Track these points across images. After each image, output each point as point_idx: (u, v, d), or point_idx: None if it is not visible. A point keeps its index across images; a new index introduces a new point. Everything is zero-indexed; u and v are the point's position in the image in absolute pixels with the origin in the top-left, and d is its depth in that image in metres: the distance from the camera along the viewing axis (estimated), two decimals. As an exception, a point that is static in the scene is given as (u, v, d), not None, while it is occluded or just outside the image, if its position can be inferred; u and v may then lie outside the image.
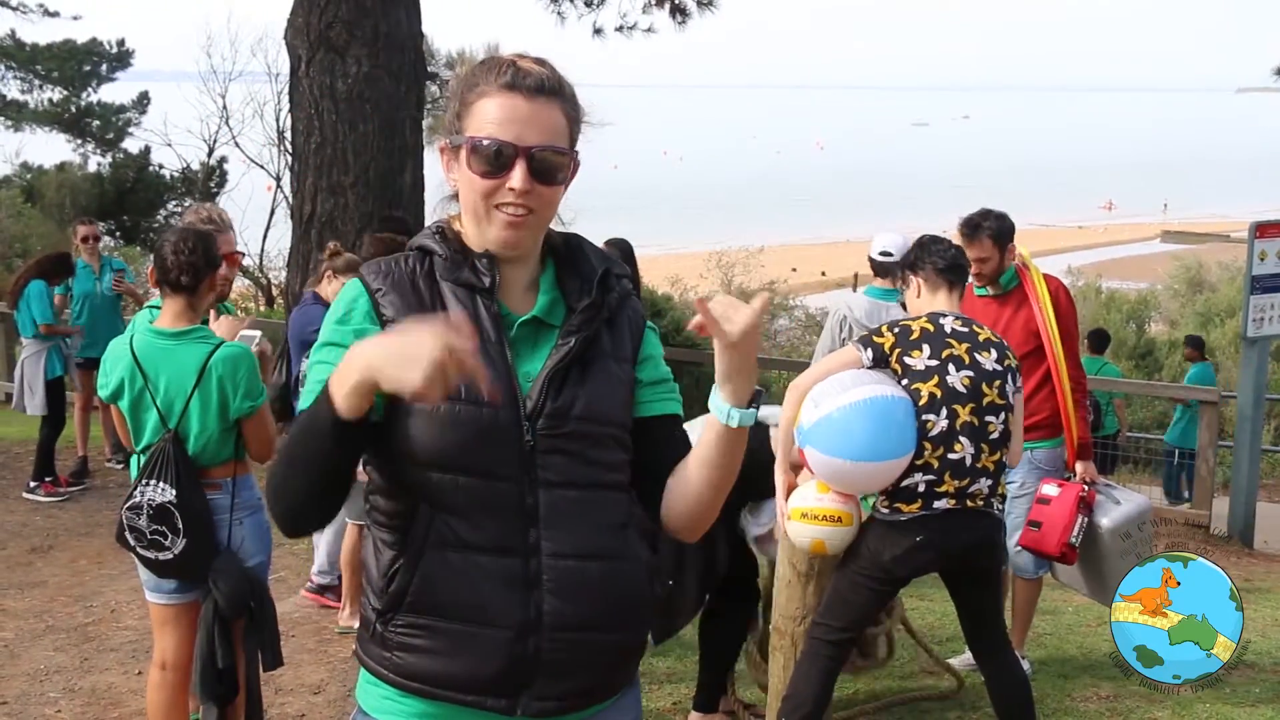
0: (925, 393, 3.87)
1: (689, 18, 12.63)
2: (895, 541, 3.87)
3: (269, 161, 18.75)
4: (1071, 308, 5.17)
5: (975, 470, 3.87)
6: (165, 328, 3.94)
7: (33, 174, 20.13)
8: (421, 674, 1.91)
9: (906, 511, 3.86)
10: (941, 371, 3.89)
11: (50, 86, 21.40)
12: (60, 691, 5.06)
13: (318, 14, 9.50)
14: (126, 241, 19.72)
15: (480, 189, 1.93)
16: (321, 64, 9.55)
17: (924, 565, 3.97)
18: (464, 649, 1.88)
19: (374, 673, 1.96)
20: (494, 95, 1.94)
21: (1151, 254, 36.49)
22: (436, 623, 1.89)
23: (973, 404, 3.88)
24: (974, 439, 3.88)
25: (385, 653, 1.93)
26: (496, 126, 1.91)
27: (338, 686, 5.07)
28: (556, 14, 12.54)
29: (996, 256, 5.04)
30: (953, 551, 3.93)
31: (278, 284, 17.05)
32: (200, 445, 3.92)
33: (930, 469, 3.86)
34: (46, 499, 8.29)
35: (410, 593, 1.89)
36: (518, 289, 2.01)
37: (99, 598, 6.23)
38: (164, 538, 3.86)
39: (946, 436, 3.85)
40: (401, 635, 1.91)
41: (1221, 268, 26.13)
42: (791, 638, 4.06)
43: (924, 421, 3.86)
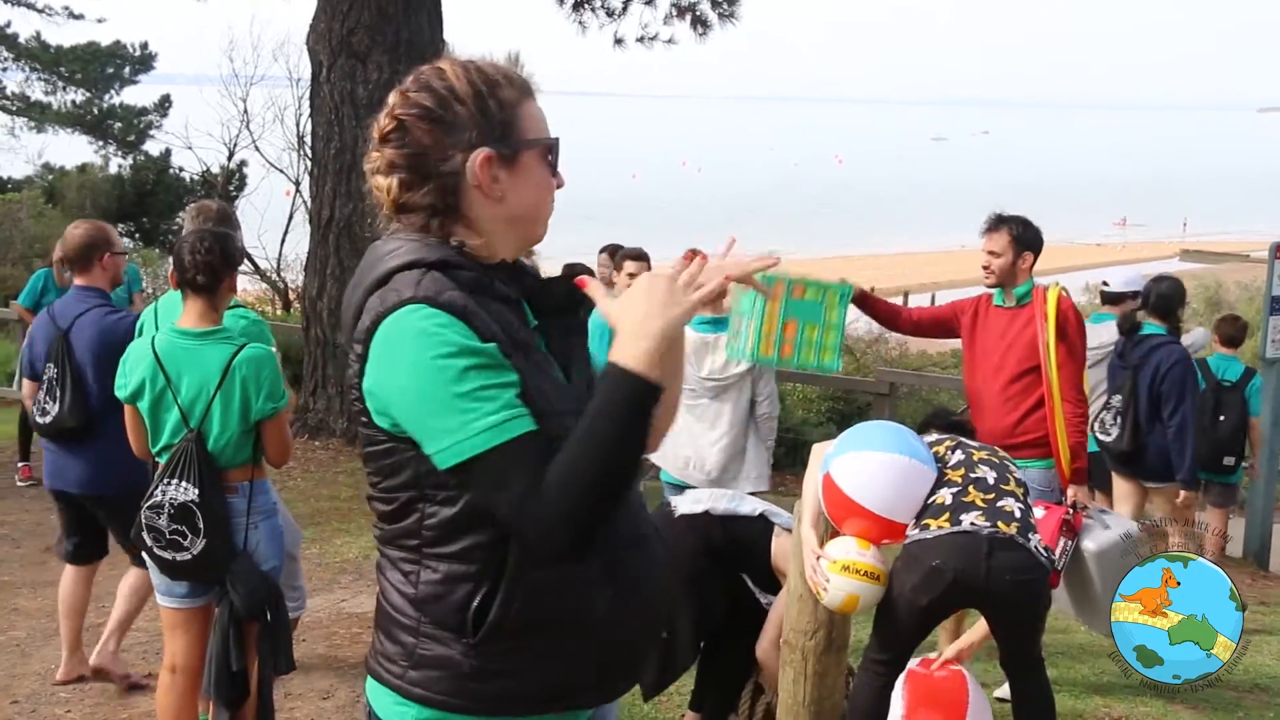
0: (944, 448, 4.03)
1: (710, 29, 12.65)
2: (915, 568, 3.79)
3: (289, 166, 18.79)
4: (1080, 330, 5.09)
5: (1001, 490, 3.85)
6: (189, 328, 3.96)
7: (54, 175, 20.23)
8: (520, 695, 1.90)
9: (934, 527, 3.79)
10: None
11: (73, 88, 21.53)
12: (71, 691, 5.07)
13: (340, 20, 9.54)
14: (146, 244, 19.80)
15: (549, 189, 2.00)
16: (343, 70, 9.59)
17: (945, 595, 3.79)
18: (563, 658, 1.91)
19: (455, 709, 1.90)
20: (528, 100, 1.99)
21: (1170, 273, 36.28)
22: (536, 640, 1.89)
23: (985, 452, 4.05)
24: (995, 469, 3.95)
25: (479, 684, 1.88)
26: (546, 127, 2.00)
27: (347, 692, 5.06)
28: (578, 23, 12.58)
29: (1010, 255, 5.06)
30: (975, 582, 3.71)
31: (295, 288, 17.08)
32: (220, 446, 3.92)
33: (954, 484, 3.86)
34: (21, 483, 8.50)
35: (513, 618, 1.86)
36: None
37: (111, 598, 6.20)
38: (183, 538, 3.86)
39: (967, 462, 3.95)
40: (501, 662, 1.88)
41: (1240, 287, 26.00)
42: (802, 652, 4.03)
43: (943, 456, 3.97)
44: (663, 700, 4.91)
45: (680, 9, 12.54)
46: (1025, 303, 5.09)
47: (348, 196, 9.64)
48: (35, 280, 8.66)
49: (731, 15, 12.62)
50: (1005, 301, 5.14)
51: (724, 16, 12.62)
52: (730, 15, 12.62)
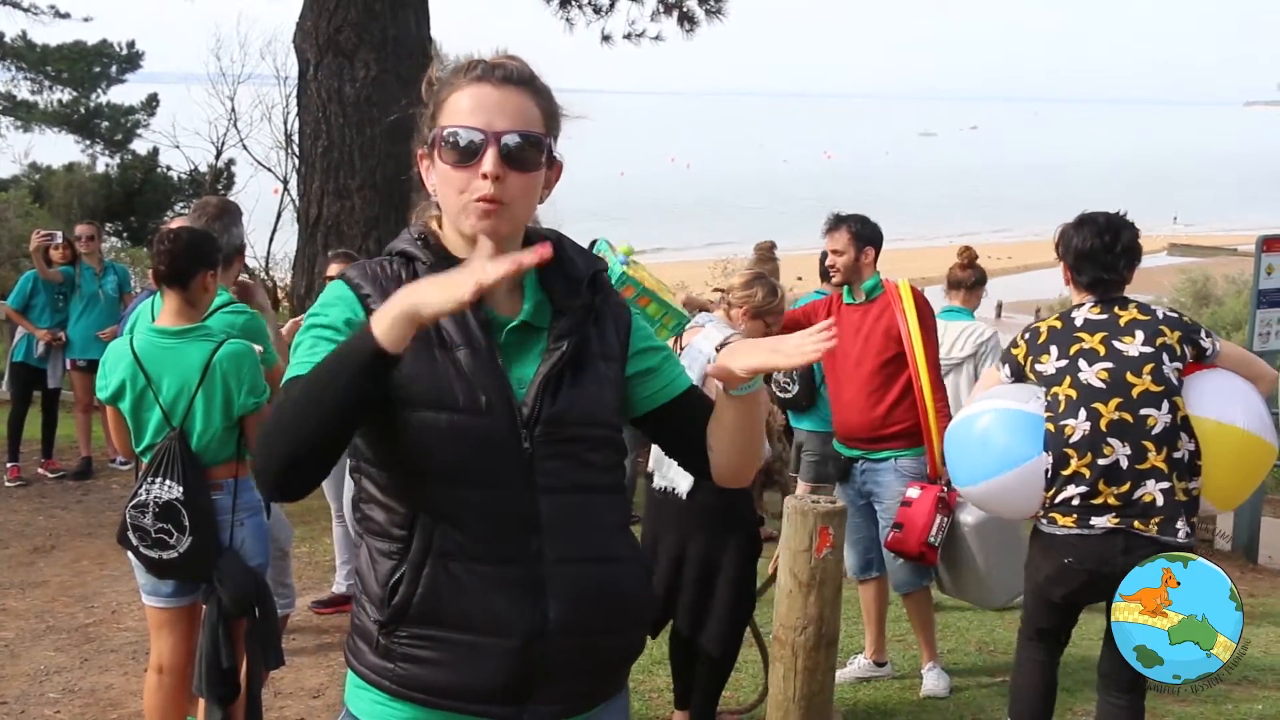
0: (1061, 396, 3.67)
1: (697, 25, 12.66)
2: (1048, 559, 3.73)
3: (276, 164, 18.72)
4: (934, 319, 5.19)
5: (1138, 473, 3.56)
6: (166, 326, 3.94)
7: (41, 174, 20.14)
8: (426, 685, 1.88)
9: (1061, 524, 3.67)
10: (1072, 370, 3.66)
11: (60, 87, 21.42)
12: (60, 692, 5.05)
13: (327, 18, 9.52)
14: (134, 243, 19.71)
15: (455, 181, 1.91)
16: (330, 68, 9.57)
17: (1079, 591, 3.72)
18: (471, 660, 1.86)
19: (371, 681, 1.94)
20: (464, 88, 1.94)
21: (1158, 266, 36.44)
22: (443, 634, 1.86)
23: (1118, 399, 3.59)
24: (1129, 438, 3.58)
25: (388, 664, 1.90)
26: (467, 115, 1.91)
27: (337, 690, 5.05)
28: (565, 20, 12.59)
29: (852, 252, 5.14)
30: (1112, 583, 3.53)
31: (283, 286, 17.05)
32: (203, 443, 3.91)
33: (1081, 479, 3.61)
34: (9, 484, 8.47)
35: (414, 604, 1.86)
36: (501, 291, 1.96)
37: (100, 598, 6.23)
38: (169, 536, 3.85)
39: (1091, 440, 3.60)
40: (406, 647, 1.88)
41: (1228, 281, 26.07)
42: (792, 647, 4.03)
43: (1061, 427, 3.64)
44: (653, 697, 4.92)
45: (667, 5, 12.55)
46: (875, 296, 5.18)
47: (335, 195, 9.62)
48: (24, 282, 8.65)
49: (718, 11, 12.63)
50: (855, 298, 5.24)
51: (710, 13, 12.64)
52: (717, 11, 12.64)
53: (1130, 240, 3.80)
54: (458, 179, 1.91)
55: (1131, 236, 3.80)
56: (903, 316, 5.04)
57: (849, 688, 5.18)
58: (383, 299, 1.84)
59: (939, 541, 4.81)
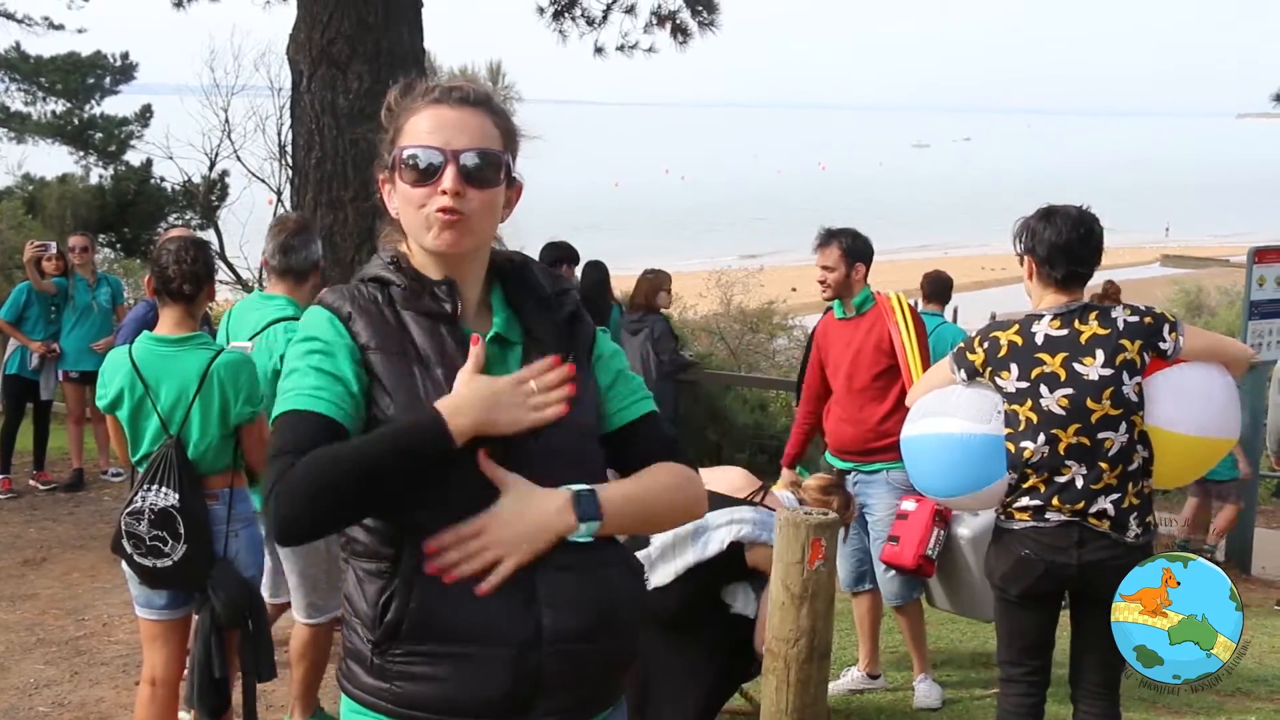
0: (1022, 417, 3.65)
1: (690, 38, 12.66)
2: (1007, 554, 3.73)
3: (270, 175, 18.73)
4: (923, 326, 5.22)
5: (1092, 492, 3.58)
6: (165, 335, 3.95)
7: (34, 186, 20.12)
8: (425, 701, 1.88)
9: (1019, 519, 3.69)
10: (1034, 394, 3.62)
11: (54, 99, 21.40)
12: (50, 705, 5.03)
13: (320, 29, 9.51)
14: (127, 254, 19.69)
15: (415, 199, 1.96)
16: (323, 79, 9.56)
17: (1036, 584, 3.69)
18: (468, 672, 1.86)
19: (367, 704, 1.93)
20: (422, 110, 1.99)
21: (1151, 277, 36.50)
22: (437, 648, 1.86)
23: (1077, 424, 3.58)
24: (1085, 459, 3.59)
25: (383, 684, 1.90)
26: (426, 135, 1.96)
27: (330, 704, 5.03)
28: (558, 32, 12.58)
29: (843, 269, 5.18)
30: (1068, 573, 3.62)
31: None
32: (200, 452, 3.92)
33: (1037, 493, 3.65)
34: (0, 496, 8.46)
35: (407, 620, 1.86)
36: (469, 310, 2.02)
37: (91, 611, 6.21)
38: (164, 543, 3.85)
39: (1050, 461, 3.61)
40: (401, 664, 1.88)
41: (1220, 292, 26.15)
42: (785, 659, 4.02)
43: (1021, 449, 3.64)
44: None
45: (660, 18, 12.55)
46: (865, 310, 5.22)
47: (329, 206, 9.60)
48: (18, 293, 8.63)
49: (711, 24, 12.63)
50: (846, 313, 5.29)
51: (704, 25, 12.63)
52: (710, 24, 12.64)
53: (1100, 235, 3.76)
54: (418, 196, 1.96)
55: (1101, 231, 3.77)
56: (896, 328, 5.06)
57: (842, 700, 5.18)
58: (367, 320, 1.94)
59: (936, 554, 4.80)
